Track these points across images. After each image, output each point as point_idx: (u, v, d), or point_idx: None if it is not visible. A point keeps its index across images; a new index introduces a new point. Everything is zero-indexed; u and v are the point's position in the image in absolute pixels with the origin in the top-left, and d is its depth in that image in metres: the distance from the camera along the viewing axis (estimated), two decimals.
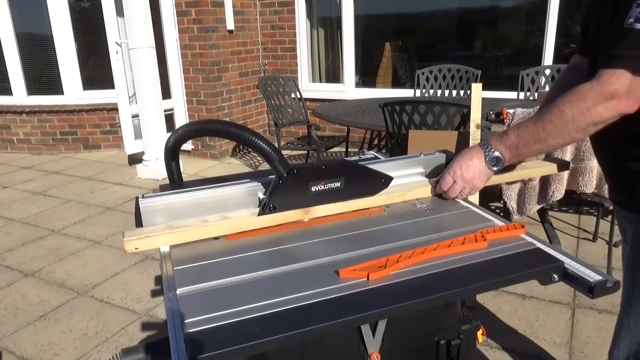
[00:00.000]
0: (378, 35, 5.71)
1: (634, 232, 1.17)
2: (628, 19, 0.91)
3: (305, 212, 1.03)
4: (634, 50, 0.91)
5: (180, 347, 0.65)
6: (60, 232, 3.54)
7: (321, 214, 1.05)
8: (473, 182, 1.10)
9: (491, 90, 4.53)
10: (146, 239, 0.92)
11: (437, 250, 0.87)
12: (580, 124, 0.98)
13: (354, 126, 4.44)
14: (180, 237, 0.95)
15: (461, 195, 1.13)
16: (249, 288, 0.80)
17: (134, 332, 2.35)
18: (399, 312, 0.77)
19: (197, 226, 0.96)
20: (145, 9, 4.43)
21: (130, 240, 0.91)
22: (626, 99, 0.94)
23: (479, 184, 1.11)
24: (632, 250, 1.18)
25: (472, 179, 1.10)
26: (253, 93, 5.78)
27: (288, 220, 1.02)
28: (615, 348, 1.26)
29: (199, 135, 1.06)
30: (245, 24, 5.53)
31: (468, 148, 1.13)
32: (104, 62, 5.09)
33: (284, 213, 1.01)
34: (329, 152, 5.18)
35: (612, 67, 0.93)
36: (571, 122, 0.99)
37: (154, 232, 0.93)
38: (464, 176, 1.10)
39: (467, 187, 1.11)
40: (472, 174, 1.09)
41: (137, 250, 0.92)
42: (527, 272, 0.83)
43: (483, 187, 1.14)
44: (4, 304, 2.62)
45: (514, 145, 1.07)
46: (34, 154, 5.75)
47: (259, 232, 1.00)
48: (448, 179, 1.11)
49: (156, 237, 0.93)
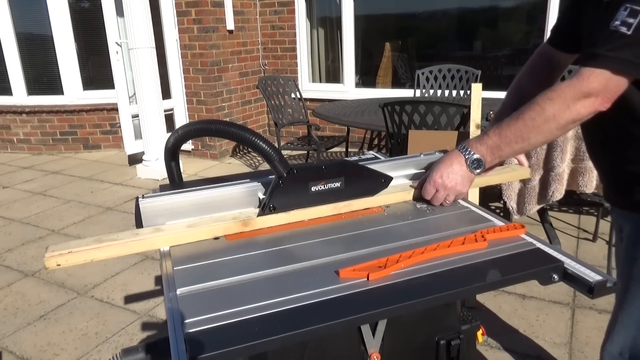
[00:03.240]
0: (378, 35, 5.71)
1: (630, 230, 1.17)
2: (614, 21, 0.92)
3: (245, 224, 0.99)
4: (615, 52, 0.92)
5: (181, 347, 0.65)
6: (60, 232, 3.54)
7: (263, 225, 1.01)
8: (456, 189, 1.08)
9: (491, 90, 4.52)
10: (69, 255, 0.86)
11: (437, 250, 0.87)
12: (561, 121, 0.99)
13: (354, 126, 4.44)
14: (106, 253, 0.89)
15: (446, 203, 1.10)
16: (249, 288, 0.80)
17: (134, 332, 2.35)
18: (399, 312, 0.77)
19: (125, 240, 0.90)
20: (145, 9, 4.43)
21: (52, 256, 0.85)
22: (602, 97, 0.95)
23: (462, 189, 1.08)
24: (628, 246, 1.18)
25: (455, 186, 1.08)
26: (253, 93, 5.78)
27: (226, 232, 0.98)
28: (608, 342, 1.27)
29: (199, 135, 1.06)
30: (245, 24, 5.53)
31: (447, 153, 1.11)
32: (104, 62, 5.09)
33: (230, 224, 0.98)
34: (329, 152, 5.18)
35: (593, 66, 0.94)
36: (552, 120, 0.99)
37: (77, 248, 0.87)
38: (446, 184, 1.07)
39: (451, 194, 1.09)
40: (453, 181, 1.07)
41: (60, 266, 0.86)
42: (527, 272, 0.83)
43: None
44: (4, 304, 2.62)
45: (495, 145, 1.05)
46: (34, 154, 5.74)
47: (259, 232, 1.00)
48: (429, 189, 1.09)
49: (79, 253, 0.87)
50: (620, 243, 1.23)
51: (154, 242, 0.93)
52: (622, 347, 1.23)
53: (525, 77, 1.34)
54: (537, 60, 1.34)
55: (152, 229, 0.95)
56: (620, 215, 1.21)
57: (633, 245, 1.16)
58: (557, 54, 1.28)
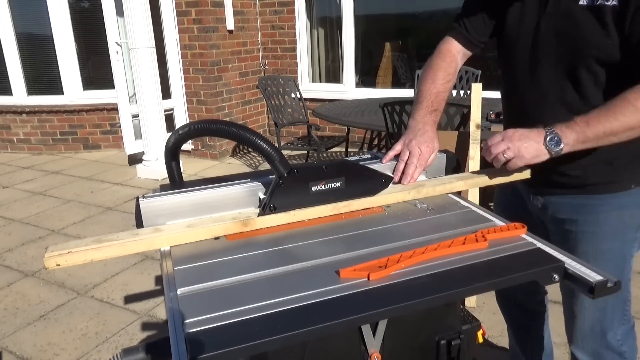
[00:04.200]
0: (378, 35, 5.71)
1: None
2: None
3: (244, 225, 0.99)
4: None
5: (181, 347, 0.65)
6: (60, 232, 3.53)
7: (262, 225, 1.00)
8: (520, 150, 1.05)
9: (491, 90, 4.51)
10: (68, 255, 0.86)
11: (438, 250, 0.87)
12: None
13: (354, 126, 4.45)
14: (105, 253, 0.89)
15: (502, 157, 1.07)
16: (250, 288, 0.79)
17: (134, 332, 2.35)
18: (400, 312, 0.77)
19: (124, 240, 0.90)
20: (145, 9, 4.43)
21: (51, 256, 0.84)
22: None
23: (525, 153, 1.05)
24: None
25: (521, 145, 1.05)
26: (253, 93, 5.78)
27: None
28: (574, 328, 1.35)
29: (199, 135, 1.06)
30: (245, 24, 5.53)
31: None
32: (104, 62, 5.09)
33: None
34: (329, 152, 5.18)
35: None
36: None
37: (76, 248, 0.86)
38: (513, 137, 1.06)
39: (512, 149, 1.05)
40: (522, 139, 1.06)
41: (59, 266, 0.86)
42: (527, 272, 0.83)
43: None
44: (4, 304, 2.62)
45: (582, 130, 1.05)
46: (34, 154, 5.74)
47: (259, 232, 1.00)
48: (496, 136, 1.08)
49: (79, 253, 0.86)
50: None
51: (154, 242, 0.93)
52: (592, 322, 1.29)
53: (441, 73, 1.35)
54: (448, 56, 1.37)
55: (151, 229, 0.95)
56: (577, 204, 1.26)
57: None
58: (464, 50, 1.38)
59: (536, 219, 1.36)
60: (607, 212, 1.21)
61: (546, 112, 1.21)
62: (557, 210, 1.29)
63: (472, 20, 1.34)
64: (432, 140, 1.17)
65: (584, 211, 1.23)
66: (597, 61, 1.11)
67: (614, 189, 1.21)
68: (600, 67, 1.11)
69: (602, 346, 1.31)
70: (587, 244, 1.24)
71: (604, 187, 1.21)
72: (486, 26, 1.33)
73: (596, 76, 1.12)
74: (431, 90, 1.29)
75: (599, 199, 1.22)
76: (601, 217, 1.22)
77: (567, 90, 1.16)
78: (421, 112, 1.25)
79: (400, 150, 1.17)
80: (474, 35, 1.35)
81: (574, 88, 1.16)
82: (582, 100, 1.15)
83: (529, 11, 1.21)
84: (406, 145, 1.16)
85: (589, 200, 1.22)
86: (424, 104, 1.27)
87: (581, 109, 1.11)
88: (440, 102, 1.29)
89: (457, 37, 1.37)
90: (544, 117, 1.17)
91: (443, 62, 1.34)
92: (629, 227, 1.23)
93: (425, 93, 1.29)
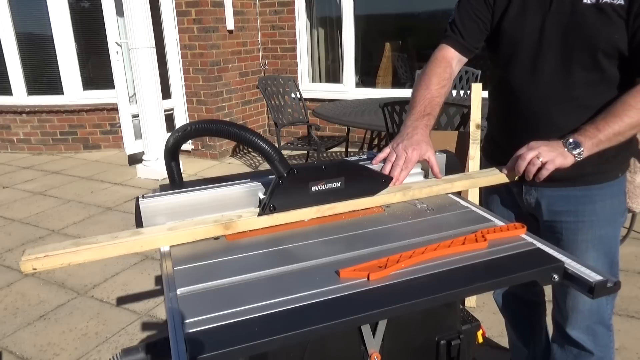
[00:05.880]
0: (378, 35, 5.71)
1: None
2: None
3: (226, 227, 0.97)
4: None
5: (181, 347, 0.65)
6: (60, 232, 3.54)
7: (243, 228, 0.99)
8: (550, 154, 1.09)
9: None
10: (45, 259, 0.83)
11: (438, 250, 0.87)
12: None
13: (354, 126, 4.45)
14: (83, 257, 0.86)
15: (538, 161, 1.10)
16: (249, 288, 0.79)
17: (134, 332, 2.35)
18: (399, 312, 0.77)
19: (103, 244, 0.88)
20: (145, 9, 4.43)
21: (28, 259, 0.82)
22: None
23: (556, 158, 1.09)
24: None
25: (550, 151, 1.10)
26: (253, 93, 5.78)
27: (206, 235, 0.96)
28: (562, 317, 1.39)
29: (199, 135, 1.06)
30: (245, 24, 5.53)
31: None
32: (104, 62, 5.08)
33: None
34: (329, 152, 5.18)
35: None
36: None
37: (53, 252, 0.84)
38: (538, 146, 1.11)
39: (543, 154, 1.09)
40: (548, 146, 1.11)
41: (36, 270, 0.83)
42: (527, 272, 0.83)
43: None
44: (4, 304, 2.62)
45: (594, 135, 1.12)
46: (34, 154, 5.74)
47: (259, 232, 1.00)
48: (523, 148, 1.13)
49: (56, 256, 0.84)
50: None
51: (132, 245, 0.90)
52: (591, 302, 1.33)
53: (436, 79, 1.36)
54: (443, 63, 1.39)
55: (130, 232, 0.92)
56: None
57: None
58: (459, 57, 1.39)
59: (526, 214, 1.41)
60: (602, 200, 1.29)
61: (553, 107, 1.24)
62: (553, 202, 1.33)
63: (466, 26, 1.35)
64: (419, 143, 1.17)
65: (582, 202, 1.30)
66: (605, 55, 1.15)
67: (606, 179, 1.28)
68: (607, 61, 1.16)
69: (596, 321, 1.37)
70: (587, 233, 1.30)
71: (597, 177, 1.28)
72: (481, 32, 1.35)
73: (604, 70, 1.18)
74: (425, 95, 1.30)
75: (595, 189, 1.28)
76: (597, 206, 1.29)
77: (575, 85, 1.21)
78: (412, 117, 1.26)
79: (388, 153, 1.19)
80: (469, 41, 1.36)
81: (582, 83, 1.20)
82: (589, 94, 1.20)
83: (530, 12, 1.23)
84: (394, 149, 1.18)
85: (586, 191, 1.29)
86: (417, 109, 1.28)
87: (588, 102, 1.19)
88: (434, 106, 1.29)
89: (452, 44, 1.38)
90: (551, 113, 1.23)
91: (438, 69, 1.35)
92: (618, 212, 1.33)
93: (419, 99, 1.30)
